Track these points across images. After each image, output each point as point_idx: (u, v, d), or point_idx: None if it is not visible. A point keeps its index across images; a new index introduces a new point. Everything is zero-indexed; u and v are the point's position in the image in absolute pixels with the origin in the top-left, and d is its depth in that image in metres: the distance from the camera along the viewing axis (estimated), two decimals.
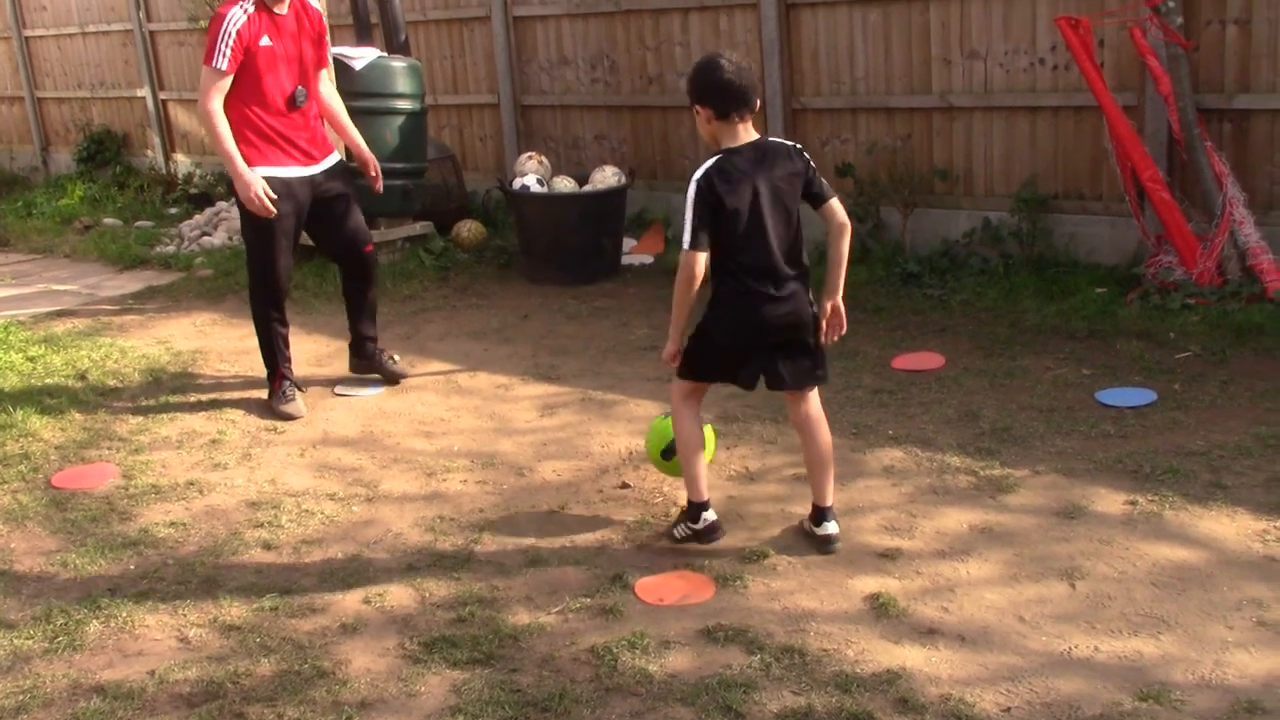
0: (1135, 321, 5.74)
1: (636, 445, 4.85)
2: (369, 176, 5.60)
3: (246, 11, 5.12)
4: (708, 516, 4.00)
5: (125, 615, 3.80)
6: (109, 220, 10.38)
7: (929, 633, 3.42)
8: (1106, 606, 3.48)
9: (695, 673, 3.30)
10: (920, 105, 7.06)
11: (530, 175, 7.58)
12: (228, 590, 3.93)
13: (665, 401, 4.50)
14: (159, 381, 6.09)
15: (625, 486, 4.51)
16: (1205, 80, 6.10)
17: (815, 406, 3.97)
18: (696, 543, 4.01)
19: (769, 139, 3.90)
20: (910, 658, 3.30)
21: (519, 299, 7.21)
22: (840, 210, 3.90)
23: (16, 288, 8.49)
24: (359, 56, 7.43)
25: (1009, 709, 3.06)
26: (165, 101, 11.73)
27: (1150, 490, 4.14)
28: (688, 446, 4.02)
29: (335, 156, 5.54)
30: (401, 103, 7.58)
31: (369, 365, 5.86)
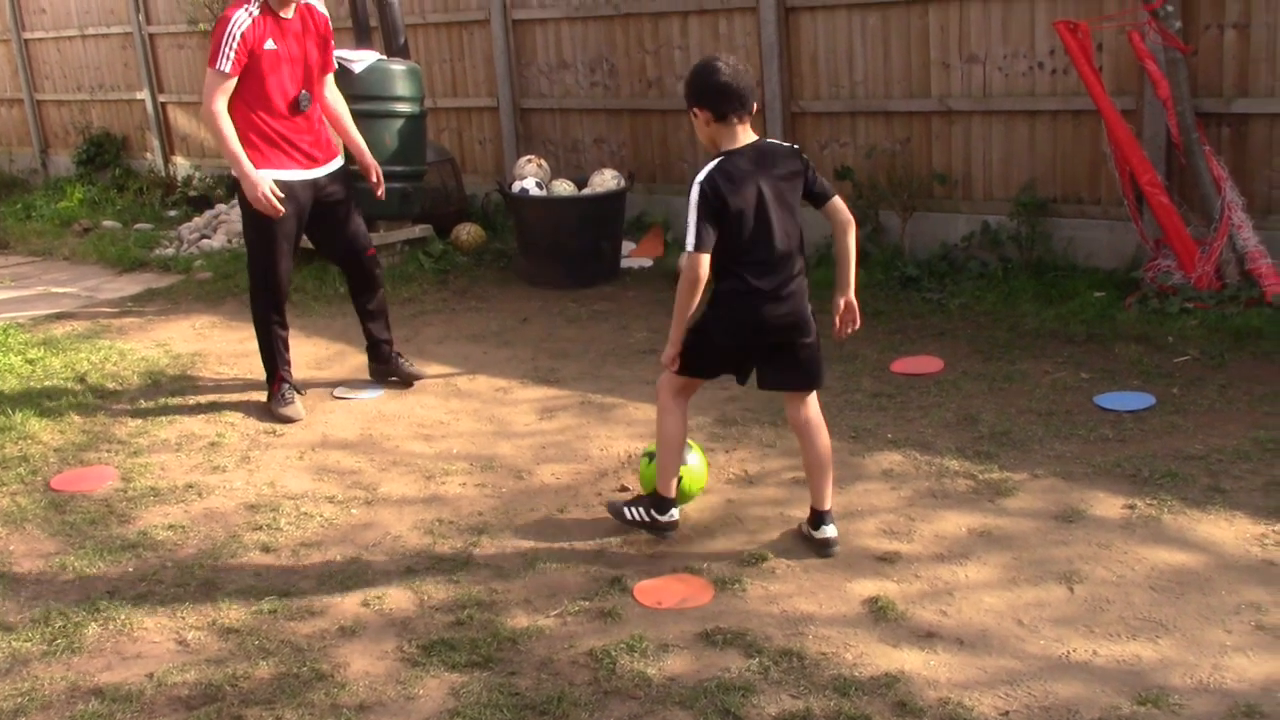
0: (1134, 325, 5.74)
1: (635, 448, 4.85)
2: (370, 182, 5.61)
3: (251, 14, 5.13)
4: (674, 514, 4.04)
5: (124, 618, 3.80)
6: (108, 223, 10.39)
7: (927, 636, 3.42)
8: (1105, 610, 3.48)
9: (694, 676, 3.30)
10: (919, 109, 7.07)
11: (529, 178, 7.58)
12: (226, 593, 3.93)
13: None
14: (158, 384, 6.10)
15: (624, 489, 4.51)
16: (1204, 84, 6.11)
17: (814, 410, 3.97)
18: (648, 531, 4.06)
19: (767, 140, 3.91)
20: (909, 661, 3.30)
21: (518, 302, 7.21)
22: (843, 208, 3.92)
23: (16, 290, 8.50)
24: (358, 59, 7.43)
25: (1007, 713, 3.06)
26: (164, 104, 11.74)
27: (1149, 494, 4.14)
28: (669, 443, 4.03)
29: (338, 160, 5.55)
30: (401, 106, 7.58)
31: (386, 369, 5.86)
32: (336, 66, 5.63)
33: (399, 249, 8.03)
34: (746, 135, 3.82)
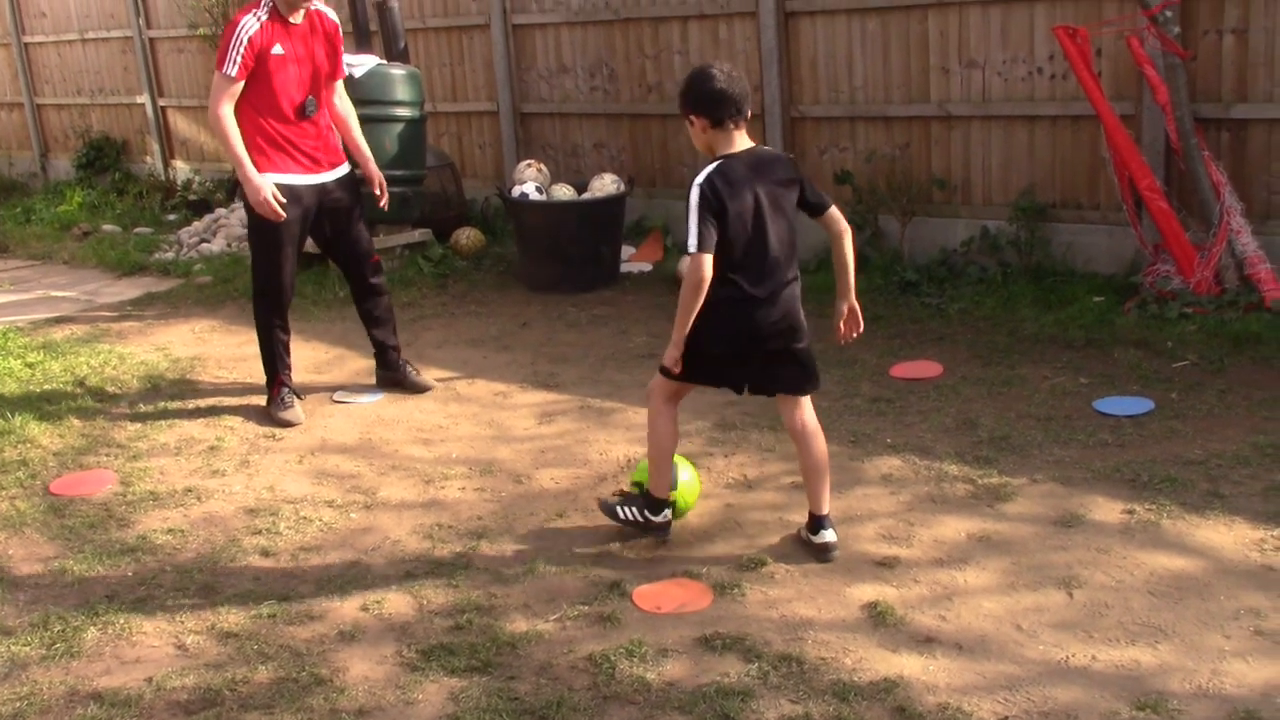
0: (1133, 330, 5.75)
1: (635, 453, 4.85)
2: (374, 192, 5.62)
3: (259, 19, 5.15)
4: (667, 514, 4.05)
5: (123, 622, 3.80)
6: (108, 227, 10.39)
7: (926, 641, 3.42)
8: (1104, 615, 3.48)
9: (693, 681, 3.30)
10: (919, 114, 7.07)
11: (529, 183, 7.59)
12: (225, 597, 3.93)
13: None
14: (157, 388, 6.10)
15: (623, 494, 4.50)
16: (1202, 90, 6.11)
17: (810, 414, 3.98)
18: (641, 531, 4.07)
19: (763, 147, 3.92)
20: (908, 666, 3.30)
21: (518, 306, 7.21)
22: (839, 217, 3.93)
23: (15, 294, 8.50)
24: (358, 64, 7.43)
25: (1006, 718, 3.06)
26: (164, 108, 11.74)
27: (1148, 499, 4.14)
28: (661, 446, 4.03)
29: (345, 166, 5.56)
30: (401, 110, 7.58)
31: (392, 376, 5.86)
32: (347, 73, 5.64)
33: (398, 253, 8.04)
34: (743, 141, 3.83)
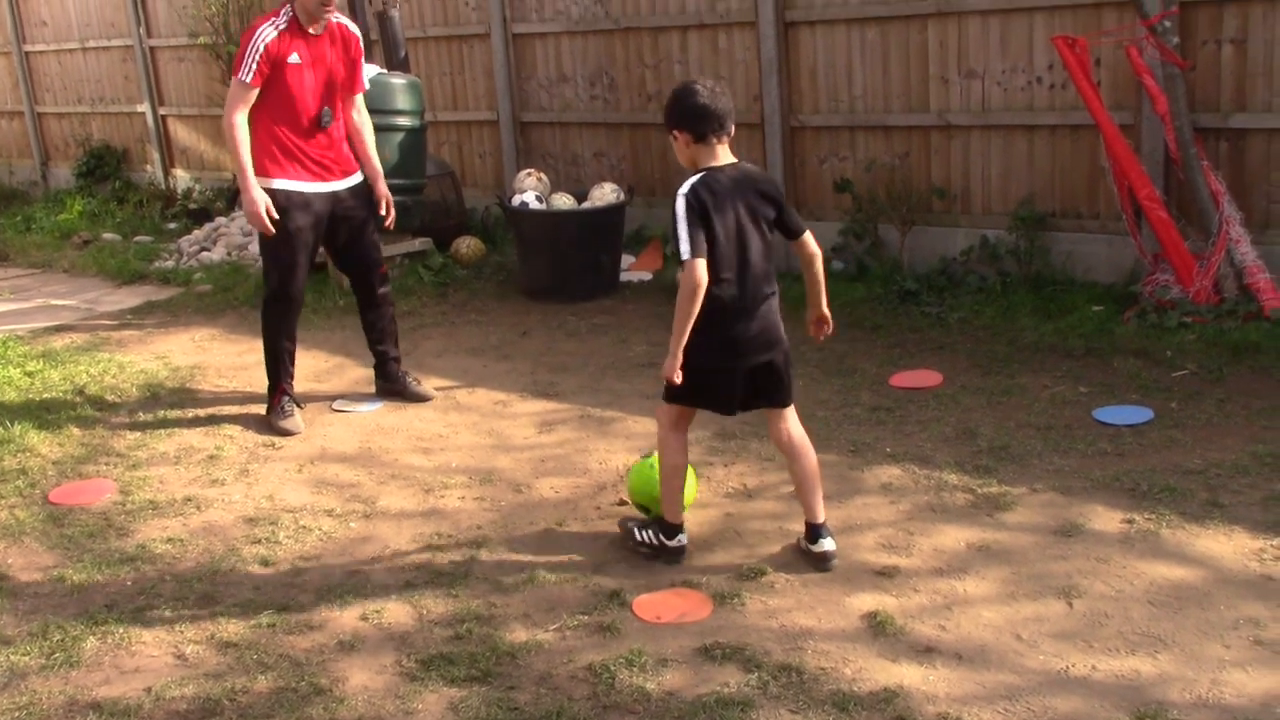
0: (1132, 340, 5.75)
1: (635, 462, 4.85)
2: (380, 211, 5.63)
3: (278, 28, 5.18)
4: (681, 539, 4.04)
5: (122, 632, 3.80)
6: (108, 235, 10.40)
7: (926, 651, 3.42)
8: (1104, 625, 3.48)
9: (692, 691, 3.29)
10: (918, 123, 7.08)
11: (529, 192, 7.59)
12: (225, 607, 3.93)
13: None
14: (157, 397, 6.10)
15: (623, 503, 4.50)
16: (1201, 99, 6.12)
17: (795, 426, 4.01)
18: (657, 557, 4.04)
19: (746, 164, 3.96)
20: (908, 676, 3.30)
21: (518, 315, 7.22)
22: (812, 242, 4.03)
23: (15, 302, 8.50)
24: None
25: None
26: (165, 117, 11.75)
27: (1147, 508, 4.14)
28: (670, 471, 4.05)
29: (358, 175, 5.58)
30: (401, 119, 7.60)
31: (392, 387, 5.86)
32: (368, 87, 5.65)
33: (399, 262, 8.04)
34: (726, 155, 3.88)
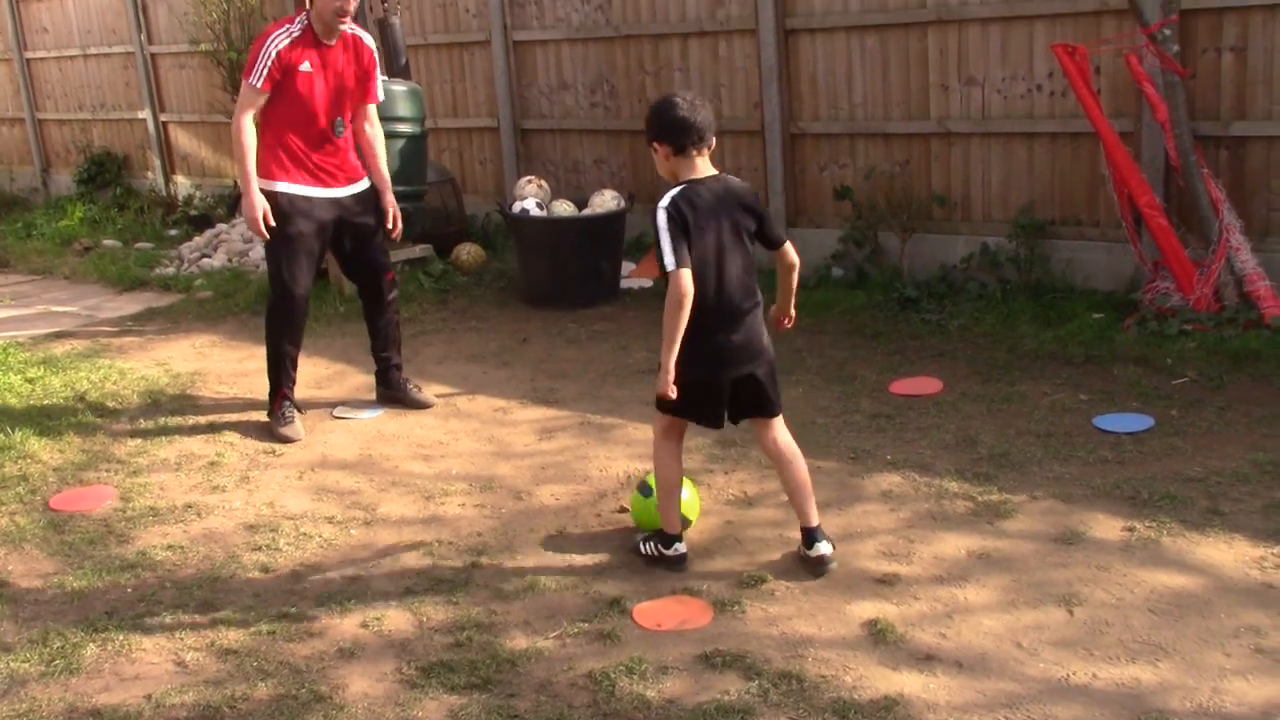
0: (1132, 347, 5.75)
1: (635, 469, 4.85)
2: (386, 225, 5.64)
3: (291, 35, 5.21)
4: (679, 548, 4.05)
5: (122, 638, 3.80)
6: (109, 242, 10.40)
7: (927, 659, 3.41)
8: (1104, 633, 3.48)
9: (692, 698, 3.29)
10: (918, 131, 7.09)
11: (530, 199, 7.60)
12: (225, 614, 3.93)
13: None
14: (158, 403, 6.10)
15: (623, 510, 4.51)
16: (1201, 107, 6.13)
17: (783, 433, 4.03)
18: (660, 566, 4.05)
19: (727, 175, 3.97)
20: (908, 684, 3.30)
21: (518, 322, 7.22)
22: (792, 252, 4.05)
23: (16, 309, 8.51)
24: None
25: None
26: (166, 123, 11.77)
27: (1148, 516, 4.14)
28: (666, 483, 4.07)
29: (364, 183, 5.59)
30: (402, 126, 7.61)
31: (393, 394, 5.86)
32: (381, 98, 5.66)
33: (399, 268, 8.04)
34: (707, 168, 3.90)
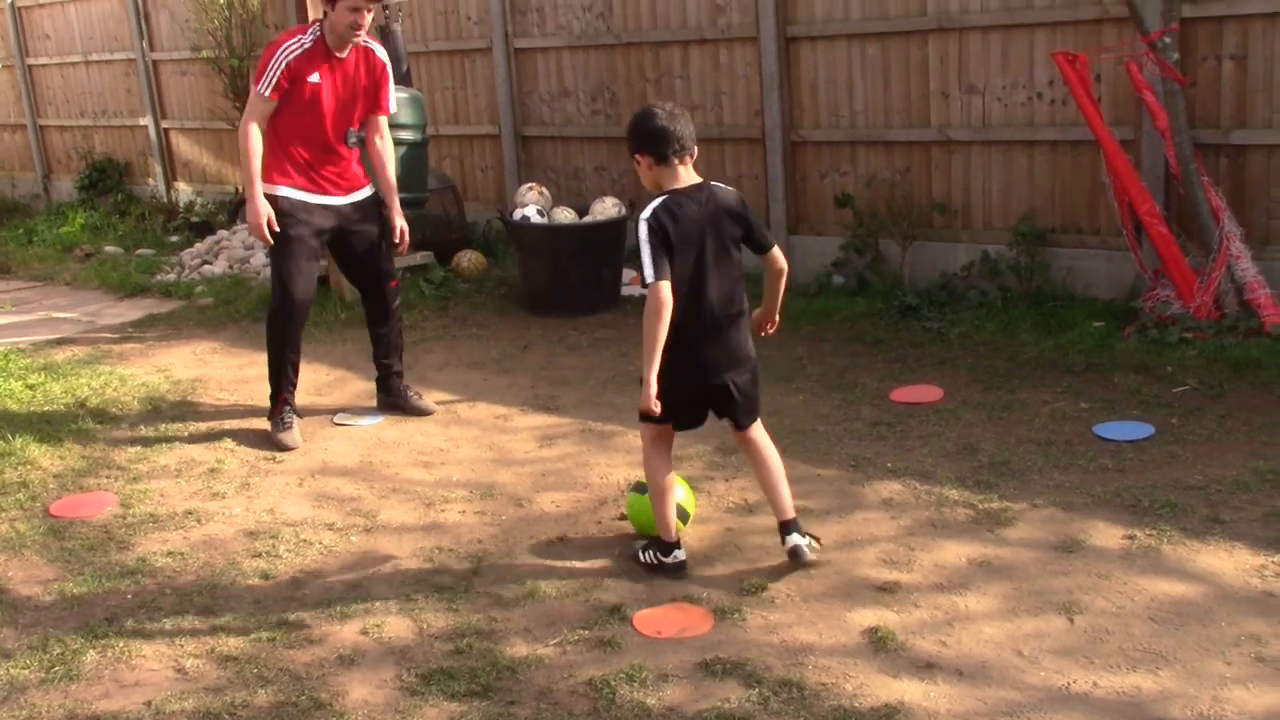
0: (1133, 355, 5.75)
1: (635, 476, 4.84)
2: (393, 240, 5.66)
3: (303, 46, 5.23)
4: (678, 555, 4.05)
5: (122, 645, 3.80)
6: (110, 248, 10.41)
7: (927, 667, 3.41)
8: (1105, 641, 3.47)
9: (693, 706, 3.29)
10: (919, 139, 7.10)
11: (530, 206, 7.61)
12: (225, 620, 3.92)
13: None
14: (158, 410, 6.10)
15: (624, 518, 4.50)
16: (1202, 115, 6.14)
17: (759, 429, 4.09)
18: (660, 574, 4.04)
19: (713, 183, 3.97)
20: (908, 692, 3.29)
21: (519, 329, 7.22)
22: (780, 257, 4.05)
23: (17, 315, 8.51)
24: None
25: None
26: (167, 130, 11.78)
27: (1148, 525, 4.14)
28: (658, 490, 4.07)
29: (365, 191, 5.60)
30: (403, 133, 7.61)
31: (393, 402, 5.87)
32: (393, 111, 5.67)
33: (400, 276, 8.04)
34: (690, 176, 3.90)
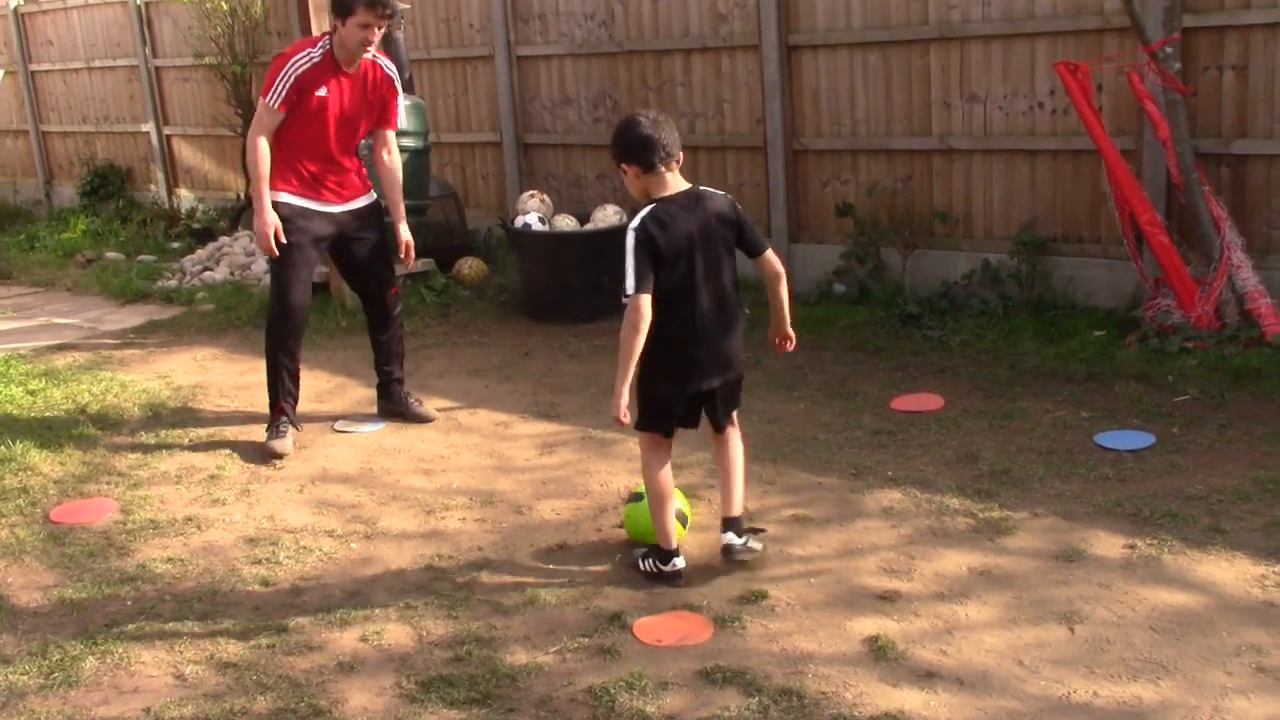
0: (1134, 364, 5.75)
1: (636, 484, 4.84)
2: (399, 256, 5.69)
3: (312, 60, 5.25)
4: (677, 563, 4.04)
5: (121, 651, 3.79)
6: (111, 254, 10.42)
7: (927, 676, 3.41)
8: (1105, 651, 3.47)
9: (693, 714, 3.28)
10: (920, 147, 7.10)
11: (532, 213, 7.61)
12: (225, 627, 3.92)
13: None
14: (159, 416, 6.10)
15: (623, 526, 4.50)
16: (1203, 125, 6.14)
17: (734, 428, 4.15)
18: (659, 582, 4.04)
19: (702, 187, 3.97)
20: (909, 701, 3.29)
21: (520, 336, 7.22)
22: (774, 260, 4.04)
23: (18, 321, 8.52)
24: None
25: None
26: (169, 136, 11.80)
27: (1149, 534, 4.13)
28: (657, 498, 4.07)
29: (365, 199, 5.62)
30: (405, 140, 7.61)
31: (394, 408, 5.87)
32: (401, 125, 5.69)
33: (401, 283, 8.05)
34: (678, 182, 3.90)
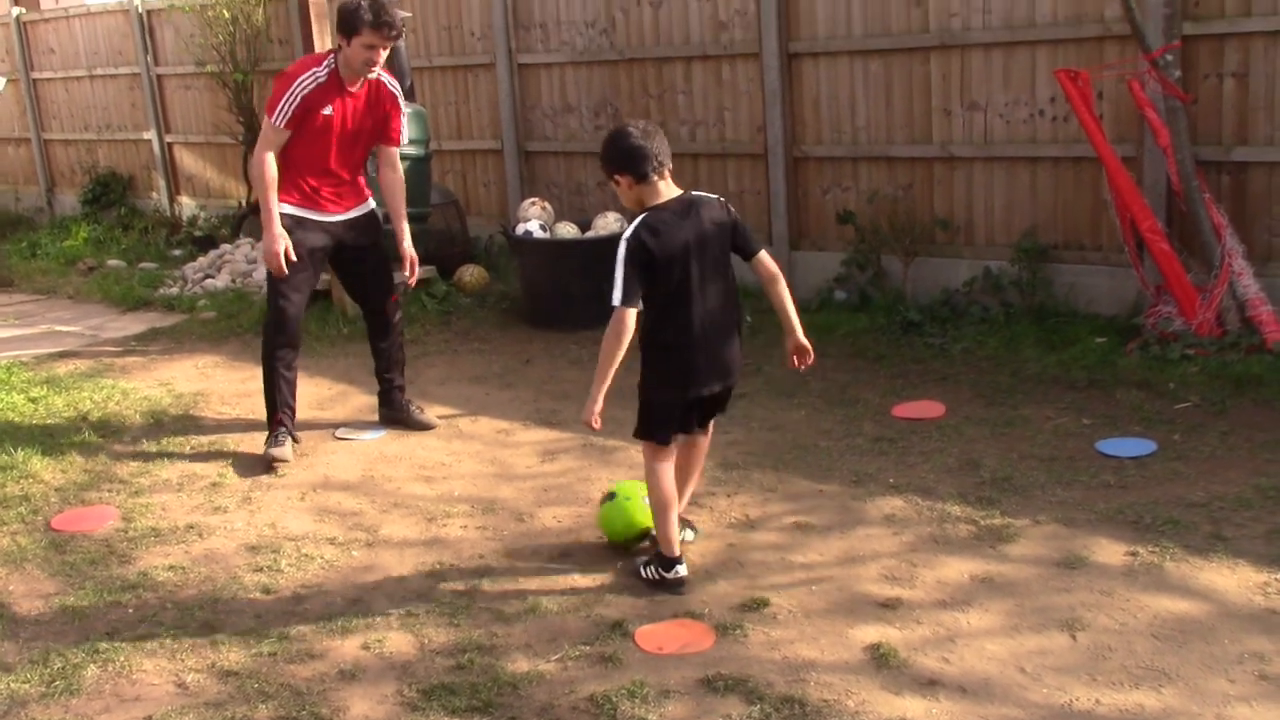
0: (1135, 372, 5.75)
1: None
2: (404, 270, 5.69)
3: (318, 80, 5.26)
4: (680, 570, 4.04)
5: (123, 659, 3.79)
6: (113, 262, 10.43)
7: (930, 683, 3.40)
8: (1107, 658, 3.47)
9: None
10: (921, 155, 7.11)
11: (533, 221, 7.62)
12: (226, 635, 3.92)
13: None
14: (160, 424, 6.10)
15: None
16: (1203, 132, 6.15)
17: (709, 430, 4.23)
18: (661, 589, 4.03)
19: (695, 192, 3.97)
20: (911, 709, 3.29)
21: (521, 344, 7.23)
22: (769, 260, 4.04)
23: (20, 328, 8.52)
24: None
25: None
26: (171, 144, 11.81)
27: (1151, 541, 4.13)
28: (660, 505, 4.07)
29: (364, 208, 5.63)
30: (406, 148, 7.58)
31: (395, 416, 5.87)
32: (404, 142, 5.70)
33: (401, 291, 8.05)
34: (670, 190, 3.91)
